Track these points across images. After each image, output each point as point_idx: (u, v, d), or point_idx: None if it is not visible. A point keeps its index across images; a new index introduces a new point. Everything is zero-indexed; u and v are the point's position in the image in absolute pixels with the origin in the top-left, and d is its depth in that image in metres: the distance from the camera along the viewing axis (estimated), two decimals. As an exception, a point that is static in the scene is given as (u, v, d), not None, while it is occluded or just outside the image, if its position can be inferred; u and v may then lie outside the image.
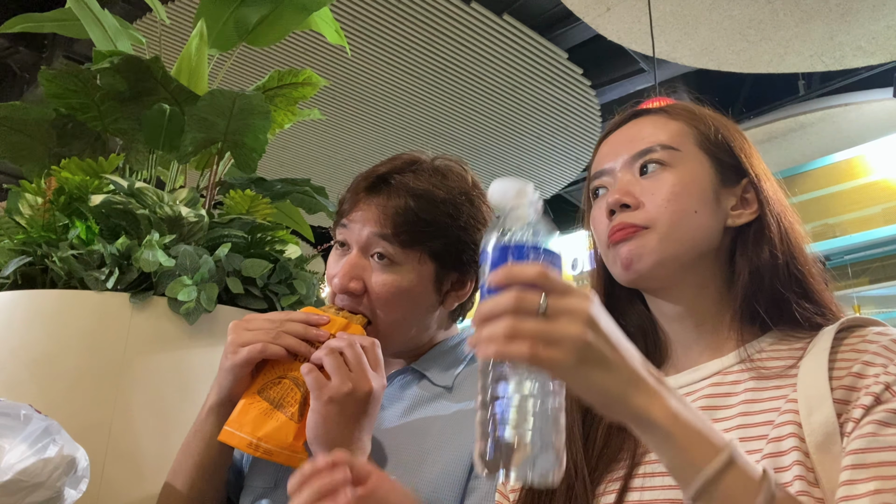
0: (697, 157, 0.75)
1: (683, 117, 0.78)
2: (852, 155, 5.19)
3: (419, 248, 0.92)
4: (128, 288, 1.13)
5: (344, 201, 0.98)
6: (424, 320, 0.97)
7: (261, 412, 0.82)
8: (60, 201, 1.22)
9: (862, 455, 0.57)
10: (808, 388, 0.63)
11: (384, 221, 0.91)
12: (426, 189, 0.92)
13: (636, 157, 0.75)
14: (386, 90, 5.04)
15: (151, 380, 1.11)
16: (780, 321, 0.72)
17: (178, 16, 4.11)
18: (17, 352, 1.09)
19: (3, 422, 0.78)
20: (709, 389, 0.71)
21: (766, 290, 0.71)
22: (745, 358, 0.70)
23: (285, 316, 0.88)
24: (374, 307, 0.92)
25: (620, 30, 4.21)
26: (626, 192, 0.74)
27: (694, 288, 0.74)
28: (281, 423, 0.81)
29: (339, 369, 0.80)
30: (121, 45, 1.52)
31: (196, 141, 1.36)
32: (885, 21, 3.97)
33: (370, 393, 0.81)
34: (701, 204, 0.73)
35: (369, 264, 0.92)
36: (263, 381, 0.85)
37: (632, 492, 0.68)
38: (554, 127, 5.62)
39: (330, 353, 0.81)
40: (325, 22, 1.73)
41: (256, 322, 0.87)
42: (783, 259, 0.72)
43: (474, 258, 0.95)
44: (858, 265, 5.44)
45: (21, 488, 0.73)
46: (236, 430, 0.82)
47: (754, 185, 0.76)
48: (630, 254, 0.72)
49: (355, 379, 0.80)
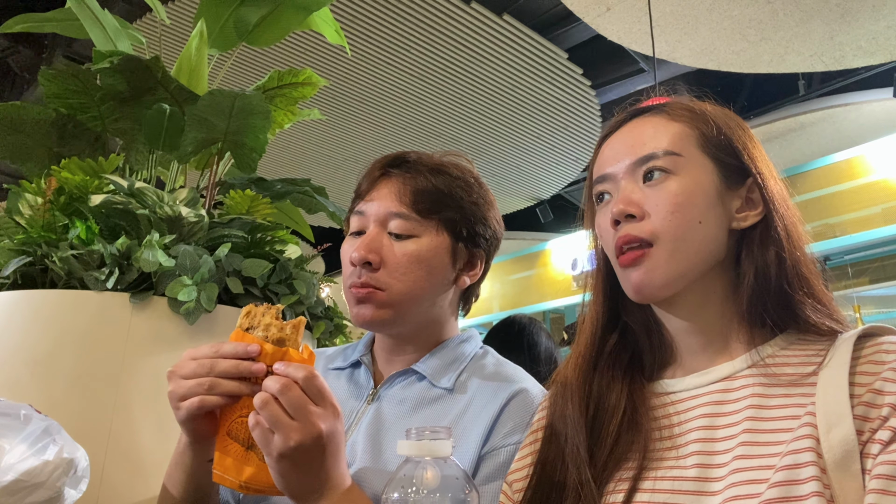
0: (700, 161, 0.74)
1: (685, 118, 0.77)
2: (852, 155, 5.19)
3: (436, 217, 0.95)
4: (128, 288, 1.13)
5: (361, 183, 1.00)
6: (438, 297, 0.97)
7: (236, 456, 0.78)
8: (60, 201, 1.22)
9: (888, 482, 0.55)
10: (827, 402, 0.61)
11: (404, 193, 0.94)
12: (441, 165, 0.99)
13: (638, 163, 0.74)
14: (386, 90, 5.04)
15: (151, 380, 1.11)
16: (790, 324, 0.70)
17: (178, 16, 4.11)
18: (17, 352, 1.09)
19: (3, 422, 0.78)
20: (716, 396, 0.70)
21: (773, 291, 0.70)
22: (757, 361, 0.69)
23: (214, 353, 0.79)
24: (390, 279, 0.92)
25: (620, 30, 4.21)
26: (629, 202, 0.73)
27: (700, 296, 0.73)
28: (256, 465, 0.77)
29: (279, 422, 0.72)
30: (121, 45, 1.52)
31: (196, 141, 1.36)
32: (885, 21, 3.97)
33: (320, 436, 0.74)
34: (706, 212, 0.72)
35: (388, 241, 0.94)
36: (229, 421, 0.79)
37: (641, 493, 0.68)
38: (554, 127, 5.62)
39: (264, 407, 0.73)
40: (325, 22, 1.73)
41: (188, 367, 0.80)
42: (790, 260, 0.71)
43: (486, 234, 1.00)
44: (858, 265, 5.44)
45: (21, 488, 0.72)
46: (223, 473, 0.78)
47: (759, 185, 0.74)
48: (640, 280, 0.72)
49: (299, 428, 0.73)
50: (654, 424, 0.72)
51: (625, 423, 0.73)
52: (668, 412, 0.72)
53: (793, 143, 5.47)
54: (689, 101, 0.81)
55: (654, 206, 0.72)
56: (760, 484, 0.60)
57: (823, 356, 0.66)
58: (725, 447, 0.65)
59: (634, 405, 0.74)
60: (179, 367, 0.80)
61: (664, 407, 0.73)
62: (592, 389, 0.77)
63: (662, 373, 0.78)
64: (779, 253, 0.71)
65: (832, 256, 5.36)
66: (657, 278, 0.71)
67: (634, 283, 0.72)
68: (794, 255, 0.71)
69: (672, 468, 0.68)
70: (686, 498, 0.64)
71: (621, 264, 0.73)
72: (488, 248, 1.02)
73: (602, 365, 0.79)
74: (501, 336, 2.36)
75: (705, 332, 0.74)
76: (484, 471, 0.85)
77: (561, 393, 0.80)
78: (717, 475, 0.64)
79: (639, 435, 0.71)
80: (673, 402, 0.73)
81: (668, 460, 0.69)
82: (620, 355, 0.79)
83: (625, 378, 0.76)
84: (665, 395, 0.75)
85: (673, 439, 0.70)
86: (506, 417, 0.88)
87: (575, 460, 0.73)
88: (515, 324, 2.37)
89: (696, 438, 0.68)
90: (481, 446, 0.86)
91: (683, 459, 0.67)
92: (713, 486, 0.63)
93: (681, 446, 0.69)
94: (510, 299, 7.48)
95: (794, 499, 0.57)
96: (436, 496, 0.60)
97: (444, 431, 0.63)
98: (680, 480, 0.66)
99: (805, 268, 0.71)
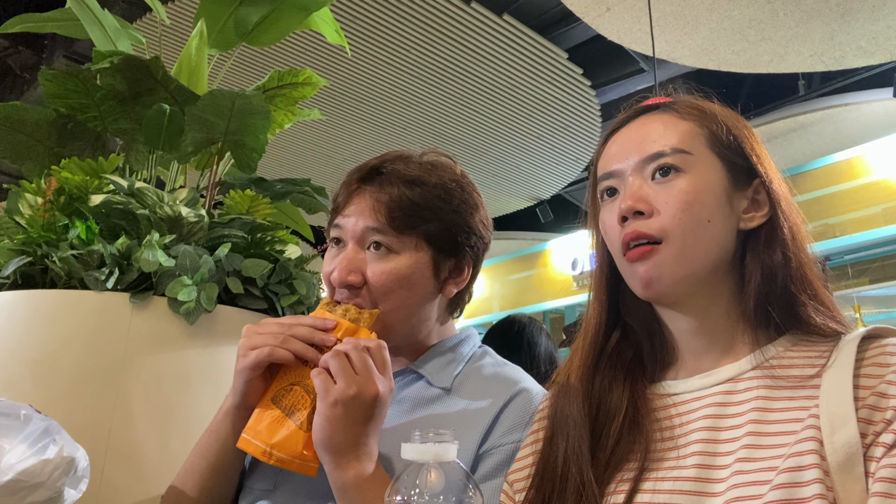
0: (709, 160, 0.74)
1: (694, 116, 0.76)
2: (852, 155, 5.19)
3: (414, 233, 0.93)
4: (128, 288, 1.13)
5: (338, 196, 0.99)
6: (424, 309, 0.97)
7: (273, 420, 0.83)
8: (60, 201, 1.22)
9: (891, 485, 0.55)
10: (831, 404, 0.61)
11: (378, 210, 0.92)
12: (417, 175, 0.94)
13: (647, 160, 0.74)
14: (386, 90, 5.03)
15: (151, 380, 1.11)
16: (794, 324, 0.70)
17: (178, 16, 4.11)
18: (17, 352, 1.09)
19: (3, 422, 0.78)
20: (719, 398, 0.70)
21: (778, 292, 0.70)
22: (761, 362, 0.69)
23: (294, 320, 0.88)
24: (373, 298, 0.92)
25: (620, 30, 4.21)
26: (639, 199, 0.72)
27: (706, 297, 0.73)
28: (291, 431, 0.81)
29: (344, 372, 0.80)
30: (121, 45, 1.52)
31: (196, 141, 1.36)
32: (885, 21, 3.97)
33: (376, 396, 0.81)
34: (714, 212, 0.72)
35: (366, 257, 0.93)
36: (277, 388, 0.86)
37: (642, 493, 0.68)
38: (554, 127, 5.62)
39: (335, 356, 0.81)
40: (325, 22, 1.73)
41: (267, 326, 0.88)
42: (795, 261, 0.71)
43: (469, 242, 0.97)
44: (858, 265, 5.44)
45: (21, 488, 0.72)
46: (252, 437, 0.82)
47: (765, 186, 0.74)
48: (648, 274, 0.71)
49: (361, 382, 0.80)
50: (655, 426, 0.72)
51: (626, 424, 0.73)
52: (669, 413, 0.72)
53: (793, 143, 5.47)
54: (697, 99, 0.80)
55: (664, 203, 0.71)
56: (763, 485, 0.59)
57: (827, 358, 0.66)
58: (728, 449, 0.65)
59: (636, 406, 0.74)
60: (259, 325, 0.89)
61: (666, 409, 0.73)
62: (594, 390, 0.77)
63: (664, 374, 0.78)
64: (785, 254, 0.71)
65: (832, 256, 5.35)
66: (665, 276, 0.71)
67: (643, 278, 0.71)
68: (799, 256, 0.71)
69: (673, 469, 0.67)
70: (687, 498, 0.64)
71: (628, 259, 0.73)
72: (475, 254, 1.00)
73: (603, 365, 0.78)
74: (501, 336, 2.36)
75: (710, 333, 0.74)
76: (482, 469, 0.85)
77: (562, 393, 0.80)
78: (720, 476, 0.64)
79: (640, 436, 0.71)
80: (675, 404, 0.73)
81: (669, 461, 0.68)
82: (622, 356, 0.79)
83: (626, 379, 0.76)
84: (667, 396, 0.74)
85: (675, 440, 0.70)
86: (505, 417, 0.88)
87: (577, 460, 0.72)
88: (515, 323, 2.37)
89: (698, 439, 0.67)
90: (479, 445, 0.86)
91: (685, 460, 0.67)
92: (715, 487, 0.63)
93: (682, 447, 0.68)
94: (510, 299, 7.47)
95: (797, 501, 0.57)
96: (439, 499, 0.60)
97: (448, 434, 0.64)
98: (681, 481, 0.66)
99: (809, 269, 0.71)
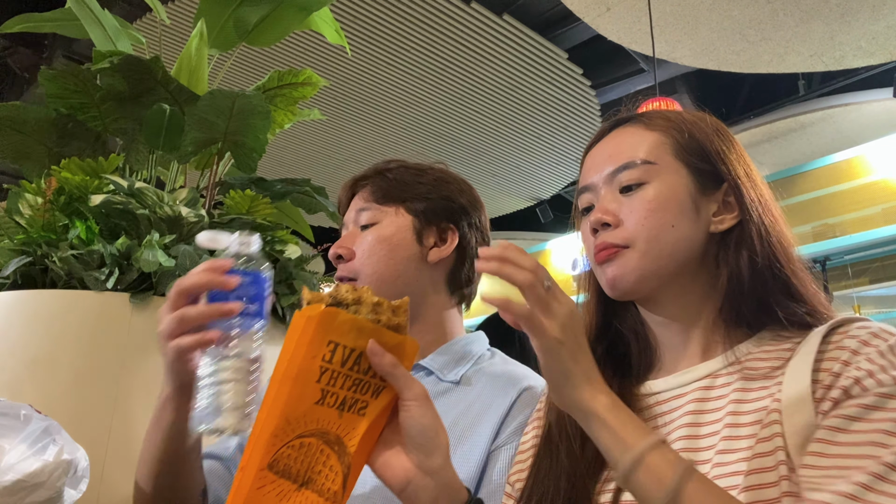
0: (674, 168, 0.76)
1: (660, 127, 0.79)
2: (852, 155, 5.20)
3: (394, 202, 1.02)
4: (128, 288, 1.13)
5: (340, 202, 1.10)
6: (409, 272, 0.99)
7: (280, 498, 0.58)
8: (60, 201, 1.22)
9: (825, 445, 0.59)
10: (790, 388, 0.64)
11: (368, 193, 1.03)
12: (400, 162, 1.07)
13: (615, 172, 0.77)
14: (386, 90, 5.04)
15: (151, 380, 1.11)
16: (768, 323, 0.72)
17: (178, 16, 4.11)
18: (17, 352, 1.09)
19: (3, 422, 0.78)
20: (698, 393, 0.71)
21: (746, 293, 0.72)
22: (733, 361, 0.71)
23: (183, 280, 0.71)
24: (358, 265, 0.99)
25: (620, 30, 4.22)
26: (606, 211, 0.76)
27: (678, 296, 0.76)
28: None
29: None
30: (121, 45, 1.52)
31: (196, 141, 1.36)
32: (885, 21, 3.98)
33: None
34: (679, 217, 0.74)
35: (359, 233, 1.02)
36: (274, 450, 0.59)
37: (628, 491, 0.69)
38: (554, 127, 5.62)
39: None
40: (325, 22, 1.73)
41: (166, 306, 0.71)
42: (763, 262, 0.72)
43: (453, 217, 1.03)
44: (858, 265, 5.45)
45: (21, 488, 0.73)
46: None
47: (734, 190, 0.76)
48: (613, 274, 0.75)
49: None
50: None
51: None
52: (653, 413, 0.74)
53: (793, 143, 5.47)
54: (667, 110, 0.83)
55: (629, 213, 0.75)
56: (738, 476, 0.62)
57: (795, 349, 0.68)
58: (709, 443, 0.67)
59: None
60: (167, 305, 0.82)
61: (650, 408, 0.75)
62: None
63: (647, 375, 0.80)
64: (751, 256, 0.72)
65: (832, 256, 5.36)
66: (629, 273, 0.74)
67: (609, 278, 0.75)
68: (769, 257, 0.73)
69: None
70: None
71: (597, 261, 0.76)
72: (459, 222, 1.03)
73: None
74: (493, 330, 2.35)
75: (685, 331, 0.76)
76: (498, 465, 0.86)
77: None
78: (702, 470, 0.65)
79: None
80: (658, 403, 0.75)
81: None
82: (611, 358, 0.81)
83: (614, 380, 0.77)
84: (650, 395, 0.76)
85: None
86: (515, 413, 0.90)
87: (569, 457, 0.74)
88: (508, 318, 2.37)
89: (681, 436, 0.69)
90: (491, 442, 0.88)
91: None
92: None
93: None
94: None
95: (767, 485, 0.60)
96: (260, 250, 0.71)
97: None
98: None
99: (784, 269, 0.73)
